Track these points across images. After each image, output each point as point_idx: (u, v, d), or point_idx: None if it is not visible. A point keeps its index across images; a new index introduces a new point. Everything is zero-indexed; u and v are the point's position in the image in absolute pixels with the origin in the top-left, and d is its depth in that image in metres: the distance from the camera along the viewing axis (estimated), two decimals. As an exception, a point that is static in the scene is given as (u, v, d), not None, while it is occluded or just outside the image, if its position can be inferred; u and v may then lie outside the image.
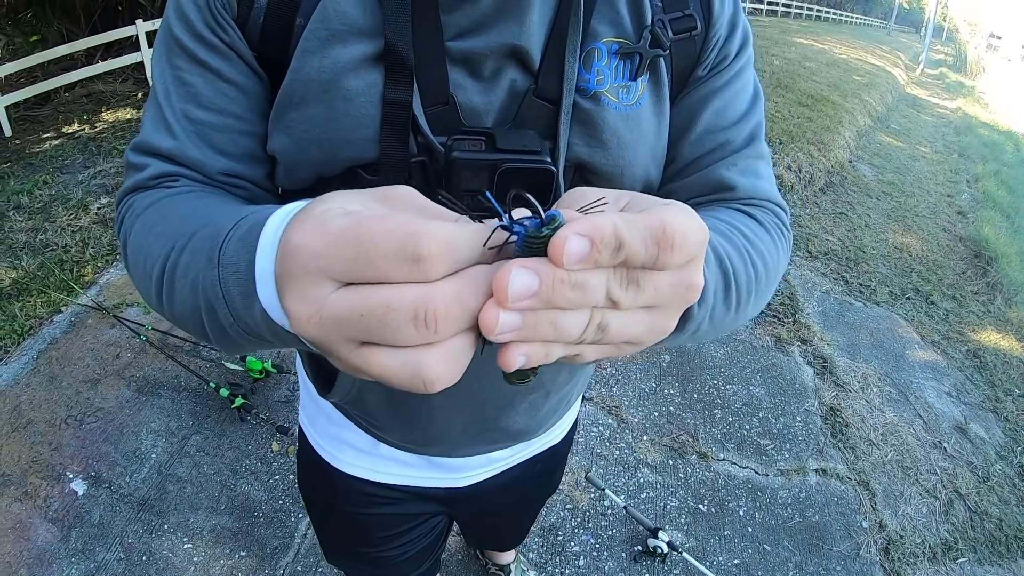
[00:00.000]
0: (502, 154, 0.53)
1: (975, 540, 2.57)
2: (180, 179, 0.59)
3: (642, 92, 0.61)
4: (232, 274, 0.39)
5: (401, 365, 0.29)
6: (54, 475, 2.25)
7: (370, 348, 0.30)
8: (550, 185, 0.54)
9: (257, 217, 0.40)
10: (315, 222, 0.30)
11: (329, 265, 0.29)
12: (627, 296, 0.31)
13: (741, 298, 0.52)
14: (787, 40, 14.30)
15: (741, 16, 0.65)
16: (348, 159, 0.57)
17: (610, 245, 0.28)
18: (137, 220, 0.55)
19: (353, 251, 0.28)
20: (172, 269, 0.46)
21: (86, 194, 4.07)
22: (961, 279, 4.82)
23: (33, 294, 3.09)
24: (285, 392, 2.66)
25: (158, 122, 0.59)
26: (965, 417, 3.25)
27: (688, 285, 0.33)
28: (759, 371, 3.24)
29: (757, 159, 0.66)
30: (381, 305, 0.28)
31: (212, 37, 0.56)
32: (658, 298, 0.32)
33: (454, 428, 0.82)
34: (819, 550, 2.35)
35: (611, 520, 2.32)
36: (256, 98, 0.60)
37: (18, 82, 5.38)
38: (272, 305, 0.36)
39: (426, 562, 1.17)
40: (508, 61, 0.57)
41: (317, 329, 0.30)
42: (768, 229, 0.62)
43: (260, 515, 2.18)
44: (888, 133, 9.08)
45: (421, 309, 0.28)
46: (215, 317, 0.42)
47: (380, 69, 0.55)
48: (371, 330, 0.29)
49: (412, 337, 0.28)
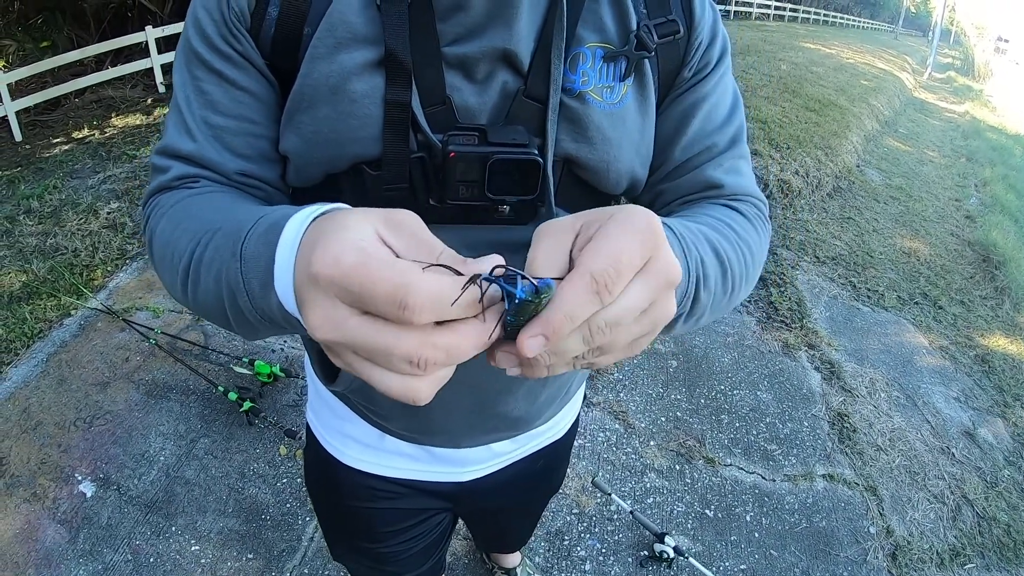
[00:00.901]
0: (493, 147, 0.57)
1: (983, 546, 2.55)
2: (201, 180, 0.64)
3: (626, 92, 0.66)
4: (252, 267, 0.45)
5: (397, 384, 0.37)
6: (63, 477, 2.27)
7: (373, 367, 0.37)
8: (537, 174, 0.58)
9: (275, 217, 0.46)
10: (332, 253, 0.36)
11: (339, 294, 0.36)
12: (606, 334, 0.38)
13: (735, 283, 0.60)
14: (794, 45, 14.28)
15: (720, 25, 0.70)
16: (354, 156, 0.61)
17: (563, 327, 0.35)
18: (163, 218, 0.61)
19: (358, 289, 0.34)
20: (198, 262, 0.52)
21: (96, 199, 4.11)
22: (969, 284, 4.80)
23: (43, 297, 3.11)
24: (293, 396, 2.67)
25: (180, 127, 0.64)
26: (973, 422, 3.23)
27: (664, 276, 0.39)
28: (766, 376, 3.23)
29: (739, 159, 0.73)
30: (384, 346, 0.35)
31: (228, 48, 0.61)
32: (638, 308, 0.38)
33: (456, 415, 0.84)
34: (826, 556, 2.34)
35: (617, 525, 2.32)
36: (268, 103, 0.64)
37: (29, 87, 5.44)
38: (287, 297, 0.42)
39: (430, 560, 1.18)
40: (499, 64, 0.62)
41: (329, 339, 0.37)
42: (752, 221, 0.70)
43: (267, 518, 2.19)
44: (896, 137, 9.06)
45: (415, 356, 0.35)
46: (236, 305, 0.48)
47: (382, 73, 0.59)
48: (374, 357, 0.36)
49: (406, 371, 0.36)
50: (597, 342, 0.38)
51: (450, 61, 0.60)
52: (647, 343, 0.42)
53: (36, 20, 6.26)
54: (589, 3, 0.63)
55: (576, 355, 0.38)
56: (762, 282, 4.09)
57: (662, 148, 0.71)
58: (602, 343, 0.38)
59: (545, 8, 0.62)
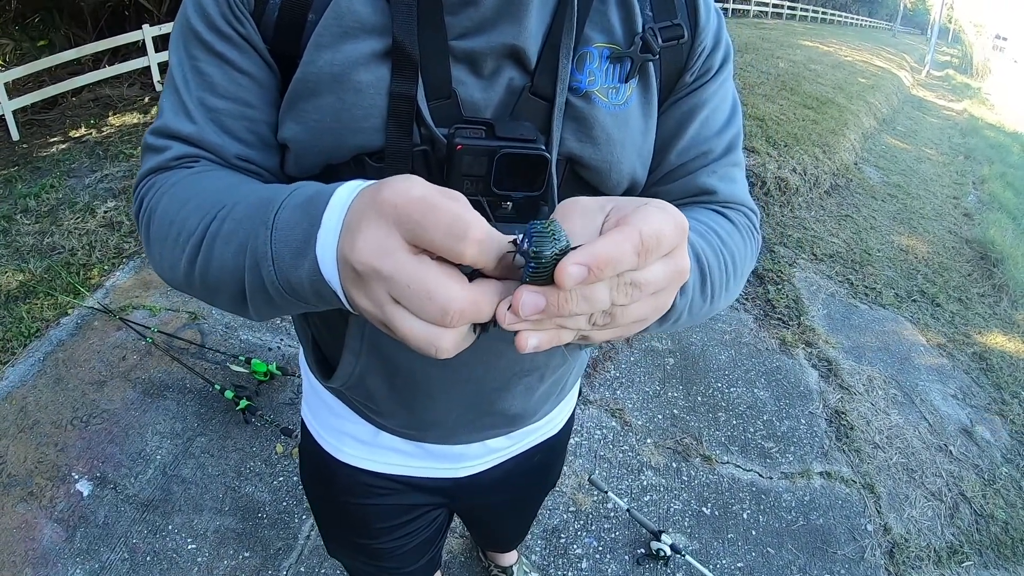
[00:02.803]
0: (501, 141, 0.56)
1: (981, 544, 2.56)
2: (200, 160, 0.63)
3: (630, 94, 0.65)
4: (284, 236, 0.45)
5: (423, 333, 0.38)
6: (59, 476, 2.27)
7: (403, 311, 0.39)
8: (544, 170, 0.57)
9: (313, 189, 0.46)
10: (401, 185, 0.38)
11: (400, 219, 0.37)
12: (629, 295, 0.38)
13: (715, 291, 0.59)
14: (792, 43, 14.28)
15: (724, 31, 0.70)
16: (356, 147, 0.61)
17: (606, 267, 0.35)
18: (164, 196, 0.59)
19: (420, 216, 0.36)
20: (213, 236, 0.52)
21: (93, 198, 4.10)
22: (967, 281, 4.80)
23: (40, 297, 3.11)
24: (290, 394, 2.67)
25: (178, 108, 0.63)
26: (971, 420, 3.23)
27: (679, 270, 0.41)
28: (764, 374, 3.23)
29: (733, 167, 0.74)
30: (425, 289, 0.37)
31: (229, 29, 0.60)
32: (656, 286, 0.39)
33: (452, 411, 0.84)
34: (823, 553, 2.34)
35: (614, 523, 2.32)
36: (268, 88, 0.63)
37: (26, 87, 5.43)
38: (327, 262, 0.42)
39: (425, 556, 1.18)
40: (507, 60, 0.61)
41: (373, 265, 0.38)
42: (740, 230, 0.70)
43: (264, 516, 2.19)
44: (894, 135, 9.06)
45: (449, 306, 0.37)
46: (259, 276, 0.47)
47: (388, 64, 0.59)
48: (409, 300, 0.38)
49: (435, 320, 0.37)
50: (620, 301, 0.38)
51: (457, 55, 0.60)
52: (639, 328, 0.44)
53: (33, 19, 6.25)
54: (597, 4, 0.63)
55: (598, 310, 0.38)
56: (759, 279, 4.09)
57: (658, 151, 0.71)
58: (623, 303, 0.38)
59: (554, 7, 0.62)
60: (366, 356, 0.77)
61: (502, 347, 0.76)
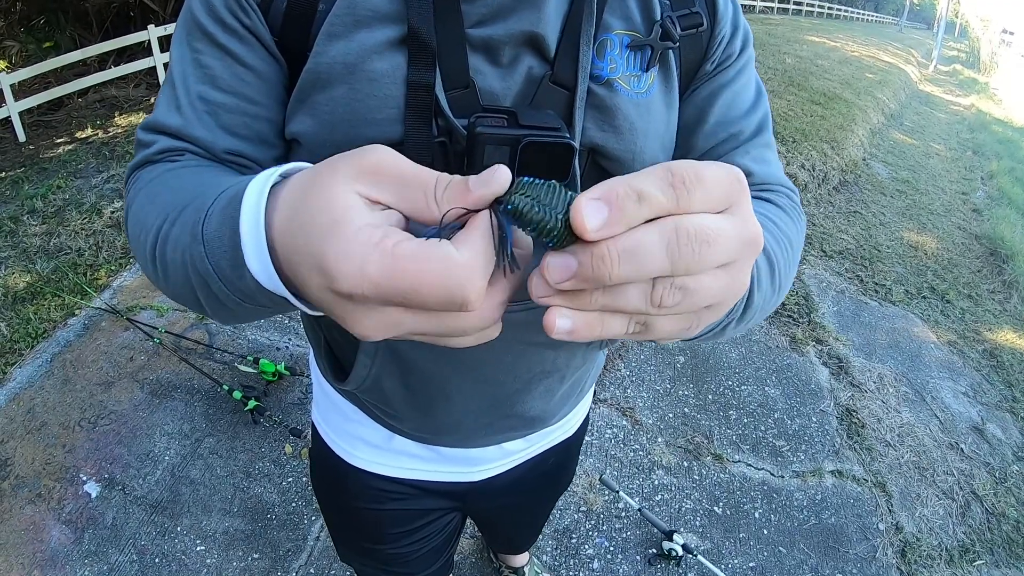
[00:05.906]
0: (524, 129, 0.54)
1: (992, 542, 2.53)
2: (186, 153, 0.60)
3: (652, 82, 0.63)
4: (217, 248, 0.41)
5: (436, 321, 0.33)
6: (67, 477, 2.26)
7: (401, 310, 0.33)
8: (570, 160, 0.55)
9: (237, 188, 0.41)
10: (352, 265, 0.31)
11: (384, 301, 0.32)
12: (694, 252, 0.30)
13: (781, 279, 0.57)
14: (799, 38, 14.21)
15: (742, 17, 0.69)
16: (370, 139, 0.58)
17: (628, 198, 0.29)
18: (140, 193, 0.57)
19: (401, 298, 0.31)
20: (164, 241, 0.48)
21: (99, 198, 4.10)
22: (977, 277, 4.76)
23: (47, 297, 3.11)
24: (298, 395, 2.66)
25: (169, 103, 0.61)
26: (982, 417, 3.21)
27: (748, 230, 0.33)
28: (774, 372, 3.21)
29: (766, 148, 0.71)
30: (449, 329, 0.34)
31: (233, 21, 0.58)
32: (724, 244, 0.31)
33: (470, 413, 0.82)
34: (835, 553, 2.32)
35: (625, 523, 2.30)
36: (272, 83, 0.61)
37: (32, 88, 5.44)
38: (264, 275, 0.38)
39: (438, 561, 1.17)
40: (525, 48, 0.59)
41: (387, 337, 0.34)
42: (788, 212, 0.67)
43: (273, 517, 2.18)
44: (901, 131, 9.00)
45: (481, 323, 0.34)
46: (209, 290, 0.43)
47: (404, 53, 0.56)
48: (437, 335, 0.35)
49: (449, 309, 0.32)
50: (682, 260, 0.30)
51: (474, 43, 0.58)
52: (714, 318, 0.36)
53: (39, 21, 6.26)
54: None
55: (652, 274, 0.30)
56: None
57: (684, 137, 0.69)
58: (687, 266, 0.30)
59: None
60: (381, 357, 0.75)
61: (521, 347, 0.75)
